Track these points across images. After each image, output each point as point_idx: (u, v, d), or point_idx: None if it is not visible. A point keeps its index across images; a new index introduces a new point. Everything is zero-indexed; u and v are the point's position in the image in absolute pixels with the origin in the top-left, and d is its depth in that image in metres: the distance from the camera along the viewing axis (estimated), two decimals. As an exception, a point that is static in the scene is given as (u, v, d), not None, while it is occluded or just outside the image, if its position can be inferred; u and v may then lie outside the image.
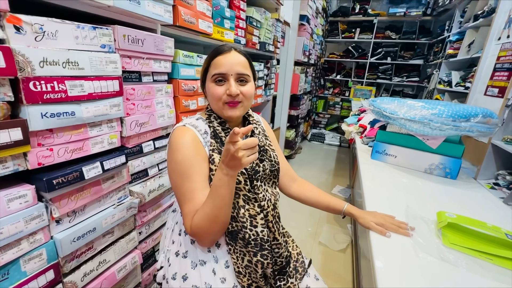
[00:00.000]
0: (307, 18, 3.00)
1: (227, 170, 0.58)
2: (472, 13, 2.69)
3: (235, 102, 0.71)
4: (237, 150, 0.54)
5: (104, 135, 0.82)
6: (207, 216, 0.62)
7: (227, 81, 0.70)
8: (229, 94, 0.69)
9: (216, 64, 0.70)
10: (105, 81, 0.78)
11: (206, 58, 0.75)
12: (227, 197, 0.61)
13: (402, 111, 1.24)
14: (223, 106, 0.71)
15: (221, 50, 0.71)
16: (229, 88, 0.69)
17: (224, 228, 0.67)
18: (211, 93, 0.72)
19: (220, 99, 0.70)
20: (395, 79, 4.37)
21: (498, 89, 2.06)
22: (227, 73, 0.69)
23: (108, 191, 0.87)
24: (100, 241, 0.87)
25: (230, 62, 0.69)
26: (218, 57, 0.70)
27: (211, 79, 0.71)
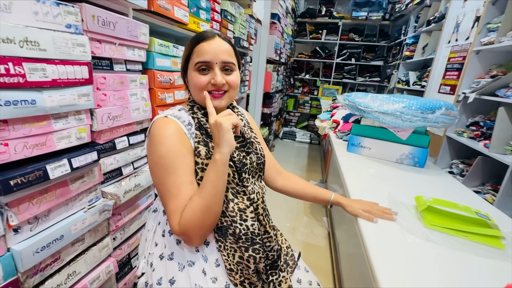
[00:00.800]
0: (278, 16, 3.04)
1: (218, 152, 0.59)
2: (425, 19, 2.97)
3: (221, 92, 0.67)
4: (214, 118, 0.59)
5: (72, 129, 0.72)
6: (199, 207, 0.58)
7: (211, 69, 0.66)
8: (214, 83, 0.65)
9: (199, 52, 0.65)
10: (72, 66, 0.68)
11: (187, 45, 0.69)
12: (220, 184, 0.60)
13: (376, 104, 1.30)
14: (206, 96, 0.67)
15: (204, 36, 0.66)
16: (214, 77, 0.65)
17: (215, 221, 0.63)
18: (193, 82, 0.67)
19: (203, 88, 0.66)
20: (359, 79, 4.64)
21: (450, 87, 2.30)
22: (211, 61, 0.65)
23: (77, 193, 0.76)
24: (68, 250, 0.76)
25: (215, 50, 0.65)
26: (202, 44, 0.65)
27: (194, 67, 0.66)
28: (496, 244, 0.70)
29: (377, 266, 0.58)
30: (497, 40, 1.70)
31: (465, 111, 2.02)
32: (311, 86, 5.10)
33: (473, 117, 2.00)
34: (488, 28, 1.87)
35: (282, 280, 0.74)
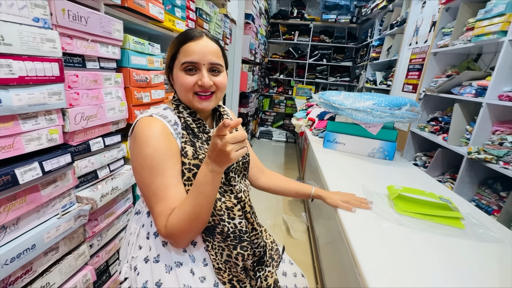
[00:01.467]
0: (252, 17, 3.07)
1: (214, 166, 0.54)
2: (389, 23, 3.18)
3: (207, 93, 0.66)
4: (225, 144, 0.51)
5: (42, 130, 0.67)
6: (187, 215, 0.57)
7: (198, 70, 0.65)
8: (202, 85, 0.64)
9: (186, 51, 0.64)
10: (41, 62, 0.64)
11: (173, 43, 0.67)
12: (211, 195, 0.58)
13: (349, 102, 1.38)
14: (193, 97, 0.66)
15: (192, 35, 0.65)
16: (201, 78, 0.64)
17: (203, 227, 0.63)
18: (180, 82, 0.65)
19: (190, 90, 0.65)
20: (330, 79, 4.83)
21: (412, 86, 2.49)
22: (199, 62, 0.64)
23: (49, 199, 0.72)
24: (41, 260, 0.71)
25: (203, 50, 0.64)
26: (189, 43, 0.64)
27: (180, 67, 0.64)
28: (457, 224, 0.78)
29: (357, 251, 0.63)
30: (451, 43, 1.88)
31: (426, 107, 2.21)
32: (285, 86, 5.21)
33: (433, 113, 2.19)
34: (443, 32, 2.06)
35: (269, 275, 0.76)
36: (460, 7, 1.82)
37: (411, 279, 0.55)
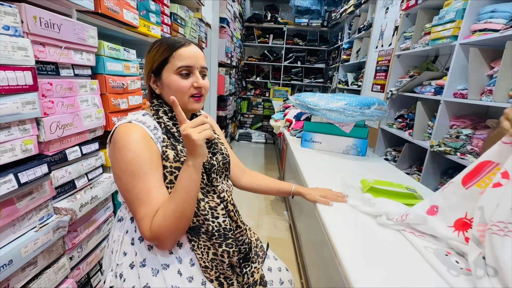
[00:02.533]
0: (227, 21, 3.10)
1: (189, 158, 0.59)
2: (357, 27, 3.37)
3: (200, 95, 0.70)
4: (185, 128, 0.56)
5: (16, 141, 0.65)
6: (171, 212, 0.59)
7: (192, 74, 0.68)
8: (198, 86, 0.68)
9: (182, 56, 0.67)
10: (13, 71, 0.62)
11: (163, 48, 0.68)
12: (193, 190, 0.60)
13: (323, 102, 1.46)
14: (188, 99, 0.69)
15: (183, 42, 0.69)
16: (197, 81, 0.68)
17: (187, 225, 0.65)
18: (176, 86, 0.67)
19: (186, 92, 0.68)
20: (305, 80, 4.99)
21: (380, 86, 2.67)
22: (193, 66, 0.68)
23: (25, 211, 0.69)
24: (18, 276, 0.68)
25: (195, 55, 0.68)
26: (183, 49, 0.67)
27: (175, 71, 0.67)
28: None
29: (336, 241, 0.68)
30: (412, 46, 2.05)
31: (393, 106, 2.38)
32: (262, 88, 5.28)
33: (399, 111, 2.36)
34: (404, 36, 2.24)
35: (255, 271, 0.79)
36: (418, 13, 1.99)
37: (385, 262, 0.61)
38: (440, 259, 0.61)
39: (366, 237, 0.71)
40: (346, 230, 0.73)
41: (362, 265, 0.59)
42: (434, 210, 0.70)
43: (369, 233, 0.72)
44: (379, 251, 0.65)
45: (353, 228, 0.74)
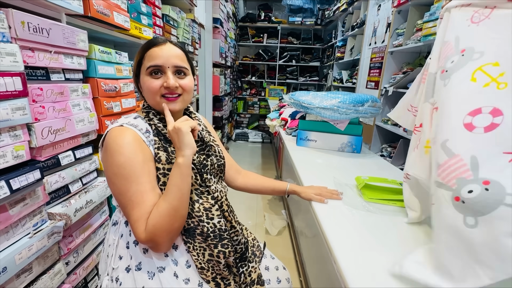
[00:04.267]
0: (220, 21, 3.09)
1: (180, 155, 0.61)
2: (350, 24, 3.39)
3: (174, 95, 0.68)
4: (172, 124, 0.62)
5: (7, 147, 0.64)
6: (166, 211, 0.59)
7: (164, 73, 0.67)
8: (167, 86, 0.66)
9: (151, 56, 0.66)
10: (2, 77, 0.62)
11: (138, 50, 0.69)
12: (184, 187, 0.62)
13: (317, 101, 1.46)
14: (160, 99, 0.67)
15: (155, 42, 0.68)
16: (167, 80, 0.66)
17: (182, 224, 0.65)
18: (146, 86, 0.67)
19: (157, 92, 0.67)
20: (300, 79, 5.00)
21: (374, 82, 2.68)
22: (163, 65, 0.66)
23: (18, 218, 0.69)
24: (13, 283, 0.68)
25: (166, 54, 0.66)
26: (153, 49, 0.66)
27: (146, 72, 0.66)
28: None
29: (331, 239, 0.68)
30: (404, 43, 2.06)
31: (387, 102, 2.39)
32: (258, 87, 5.28)
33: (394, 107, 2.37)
34: (397, 33, 2.25)
35: (252, 270, 0.80)
36: (410, 10, 2.01)
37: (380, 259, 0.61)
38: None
39: (361, 234, 0.71)
40: (342, 227, 0.74)
41: (358, 263, 0.59)
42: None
43: (364, 231, 0.73)
44: (375, 249, 0.65)
45: (349, 226, 0.75)
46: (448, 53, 0.55)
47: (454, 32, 0.56)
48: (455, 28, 0.57)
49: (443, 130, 0.50)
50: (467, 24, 0.54)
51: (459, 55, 0.53)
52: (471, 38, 0.52)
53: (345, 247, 0.65)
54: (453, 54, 0.54)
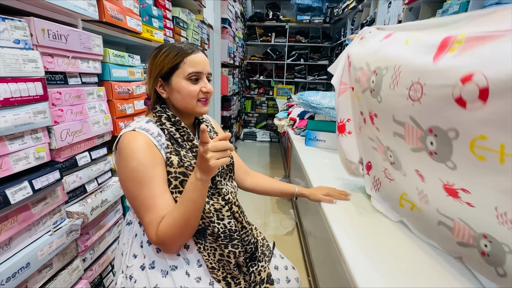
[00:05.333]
0: (228, 21, 3.11)
1: (199, 174, 0.59)
2: (360, 22, 3.34)
3: (207, 99, 0.74)
4: (206, 150, 0.56)
5: (29, 149, 0.68)
6: (176, 222, 0.60)
7: (200, 79, 0.72)
8: (207, 91, 0.72)
9: (193, 62, 0.70)
10: (25, 83, 0.65)
11: (173, 54, 0.69)
12: (199, 202, 0.61)
13: (326, 101, 1.46)
14: (196, 103, 0.72)
15: (193, 48, 0.72)
16: (206, 86, 0.72)
17: (192, 233, 0.67)
18: (187, 91, 0.70)
19: (196, 96, 0.71)
20: (309, 78, 4.97)
21: (384, 81, 2.64)
22: (202, 72, 0.71)
23: (40, 216, 0.72)
24: (35, 278, 0.72)
25: (204, 62, 0.72)
26: (193, 55, 0.70)
27: (185, 76, 0.70)
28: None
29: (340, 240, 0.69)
30: (415, 41, 2.02)
31: (398, 101, 2.35)
32: (266, 87, 5.29)
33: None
34: (408, 30, 2.21)
35: (261, 270, 0.81)
36: (421, 7, 1.97)
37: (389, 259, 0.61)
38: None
39: (371, 235, 0.71)
40: (351, 228, 0.74)
41: (367, 263, 0.60)
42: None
43: (374, 232, 0.73)
44: (384, 249, 0.65)
45: (358, 227, 0.75)
46: (366, 76, 0.67)
47: (364, 60, 0.68)
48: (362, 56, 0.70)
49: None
50: (373, 51, 0.65)
51: (374, 75, 0.63)
52: (376, 60, 0.63)
53: (354, 248, 0.65)
54: (370, 76, 0.65)
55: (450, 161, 0.47)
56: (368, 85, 0.66)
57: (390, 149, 0.67)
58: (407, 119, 0.54)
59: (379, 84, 0.61)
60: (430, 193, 0.59)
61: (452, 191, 0.51)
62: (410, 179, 0.64)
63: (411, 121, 0.53)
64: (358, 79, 0.72)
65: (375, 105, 0.65)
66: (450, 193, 0.52)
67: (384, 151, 0.71)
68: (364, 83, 0.68)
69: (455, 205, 0.52)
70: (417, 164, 0.58)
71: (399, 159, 0.65)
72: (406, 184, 0.68)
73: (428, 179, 0.57)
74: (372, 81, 0.64)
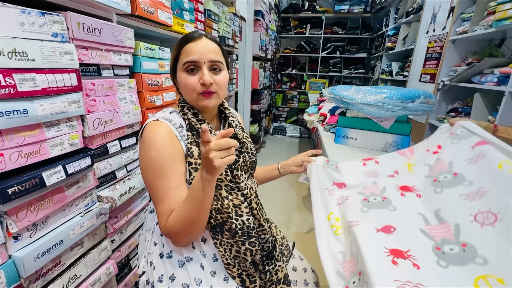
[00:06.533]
0: (261, 13, 3.05)
1: (204, 173, 0.55)
2: (404, 10, 3.05)
3: (209, 92, 0.68)
4: (208, 151, 0.52)
5: (64, 136, 0.73)
6: (182, 219, 0.60)
7: (199, 69, 0.67)
8: (203, 83, 0.66)
9: (187, 52, 0.66)
10: (61, 74, 0.69)
11: (175, 46, 0.70)
12: (205, 202, 0.58)
13: (359, 96, 1.35)
14: (197, 97, 0.68)
15: (191, 37, 0.68)
16: (203, 76, 0.66)
17: (200, 231, 0.66)
18: (184, 83, 0.68)
19: (194, 89, 0.67)
20: (344, 72, 4.72)
21: (430, 75, 2.39)
22: (199, 61, 0.66)
23: (73, 198, 0.78)
24: (68, 254, 0.78)
25: (202, 49, 0.66)
26: (189, 44, 0.67)
27: (182, 68, 0.67)
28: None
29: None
30: (471, 29, 1.78)
31: (445, 98, 2.12)
32: (298, 80, 5.15)
33: (452, 103, 2.09)
34: (462, 18, 1.95)
35: (278, 269, 0.78)
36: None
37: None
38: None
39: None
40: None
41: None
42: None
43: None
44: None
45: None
46: (441, 168, 0.69)
47: (451, 157, 0.69)
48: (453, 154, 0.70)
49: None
50: (464, 158, 0.65)
51: (451, 175, 0.65)
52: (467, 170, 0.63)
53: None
54: (446, 172, 0.66)
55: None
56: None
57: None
58: None
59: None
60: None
61: None
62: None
63: None
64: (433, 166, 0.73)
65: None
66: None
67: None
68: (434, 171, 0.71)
69: None
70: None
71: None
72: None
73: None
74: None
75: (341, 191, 0.85)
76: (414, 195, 0.71)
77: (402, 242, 0.56)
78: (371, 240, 0.58)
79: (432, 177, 0.70)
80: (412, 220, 0.63)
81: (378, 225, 0.63)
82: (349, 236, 0.64)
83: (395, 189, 0.74)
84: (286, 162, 1.00)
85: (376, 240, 0.58)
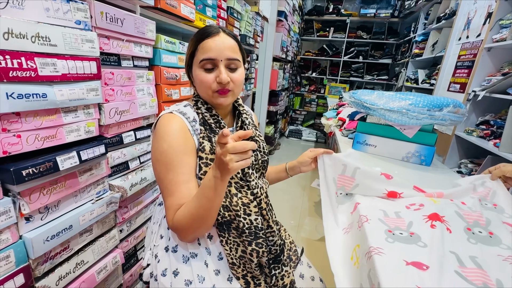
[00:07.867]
0: (284, 14, 3.03)
1: (216, 172, 0.53)
2: (435, 15, 2.91)
3: (225, 90, 0.66)
4: (224, 152, 0.50)
5: (81, 123, 0.74)
6: (190, 215, 0.58)
7: (216, 67, 0.65)
8: (219, 82, 0.64)
9: (204, 48, 0.65)
10: (81, 61, 0.70)
11: (191, 40, 0.69)
12: (215, 200, 0.56)
13: (382, 102, 1.29)
14: (213, 94, 0.67)
15: (208, 32, 0.66)
16: (219, 75, 0.64)
17: (208, 228, 0.64)
18: (199, 80, 0.66)
19: (210, 87, 0.66)
20: (366, 77, 4.58)
21: (460, 85, 2.25)
22: (216, 59, 0.64)
23: (85, 185, 0.79)
24: (77, 240, 0.79)
25: (220, 46, 0.64)
26: (206, 40, 0.65)
27: (198, 64, 0.66)
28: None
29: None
30: (510, 36, 1.65)
31: (475, 109, 1.98)
32: (318, 84, 5.06)
33: (483, 115, 1.95)
34: (500, 24, 1.82)
35: (285, 274, 0.75)
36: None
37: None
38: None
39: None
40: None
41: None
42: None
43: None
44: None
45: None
46: (476, 218, 0.68)
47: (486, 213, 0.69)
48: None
49: None
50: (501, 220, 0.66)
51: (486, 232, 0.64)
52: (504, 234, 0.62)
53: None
54: (481, 227, 0.65)
55: None
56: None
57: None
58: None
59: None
60: None
61: None
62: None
63: None
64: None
65: None
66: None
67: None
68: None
69: None
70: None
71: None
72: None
73: None
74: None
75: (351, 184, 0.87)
76: (445, 228, 0.64)
77: (440, 282, 0.49)
78: (401, 275, 0.51)
79: (466, 223, 0.66)
80: (445, 259, 0.55)
81: (408, 258, 0.55)
82: (367, 263, 0.58)
83: (423, 220, 0.67)
84: (294, 163, 0.96)
85: (407, 275, 0.51)
